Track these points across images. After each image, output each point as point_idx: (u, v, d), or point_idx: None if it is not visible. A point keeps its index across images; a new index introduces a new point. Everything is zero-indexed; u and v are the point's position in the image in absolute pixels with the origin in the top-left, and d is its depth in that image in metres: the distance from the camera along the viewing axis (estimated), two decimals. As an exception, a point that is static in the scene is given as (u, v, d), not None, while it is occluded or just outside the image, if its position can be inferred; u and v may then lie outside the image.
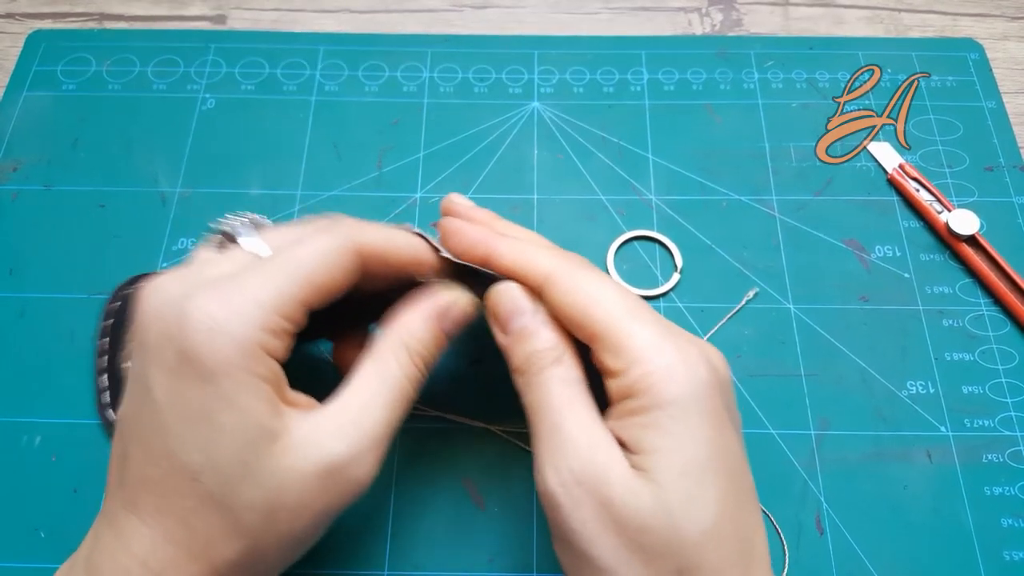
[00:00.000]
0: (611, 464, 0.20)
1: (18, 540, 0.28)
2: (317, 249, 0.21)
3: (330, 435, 0.20)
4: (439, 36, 0.40)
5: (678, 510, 0.19)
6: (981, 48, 0.40)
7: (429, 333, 0.23)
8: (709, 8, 0.42)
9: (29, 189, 0.35)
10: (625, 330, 0.21)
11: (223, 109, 0.38)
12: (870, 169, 0.36)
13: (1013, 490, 0.29)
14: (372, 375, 0.22)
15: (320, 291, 0.21)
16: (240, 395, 0.19)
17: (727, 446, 0.20)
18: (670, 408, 0.20)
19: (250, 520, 0.20)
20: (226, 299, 0.20)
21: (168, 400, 0.20)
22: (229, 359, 0.19)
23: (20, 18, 0.41)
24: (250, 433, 0.20)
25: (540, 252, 0.23)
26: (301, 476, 0.20)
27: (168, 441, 0.20)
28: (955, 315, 0.33)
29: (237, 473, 0.19)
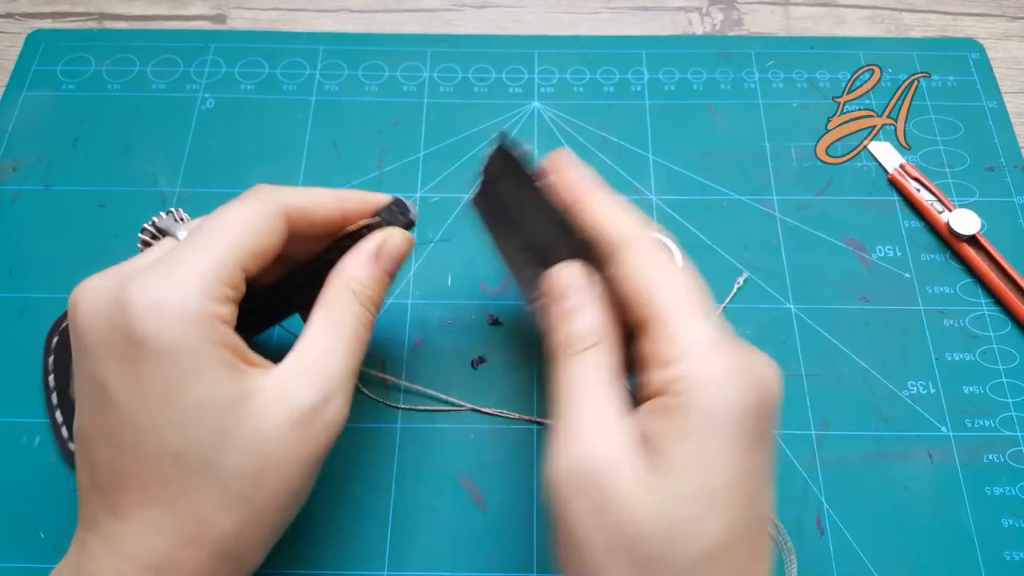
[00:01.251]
0: (621, 462, 0.19)
1: (17, 540, 0.28)
2: (242, 214, 0.22)
3: (297, 385, 0.21)
4: (439, 36, 0.40)
5: (682, 527, 0.18)
6: (982, 48, 0.40)
7: (369, 274, 0.23)
8: (709, 8, 0.42)
9: (29, 189, 0.35)
10: (683, 322, 0.20)
11: (223, 109, 0.38)
12: (871, 169, 0.36)
13: (1014, 490, 0.29)
14: (325, 322, 0.22)
15: (253, 253, 0.21)
16: (203, 366, 0.19)
17: (753, 471, 0.19)
18: (705, 419, 0.18)
19: (240, 487, 0.20)
20: (164, 276, 0.20)
21: (127, 392, 0.19)
22: (184, 333, 0.19)
23: (20, 18, 0.41)
24: (221, 401, 0.20)
25: (629, 216, 0.22)
26: (279, 430, 0.20)
27: (137, 432, 0.19)
28: (956, 315, 0.33)
29: (217, 444, 0.19)
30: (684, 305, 0.20)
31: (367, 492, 0.29)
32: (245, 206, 0.22)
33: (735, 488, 0.18)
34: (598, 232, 0.22)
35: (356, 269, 0.23)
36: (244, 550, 0.21)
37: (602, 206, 0.22)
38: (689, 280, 0.21)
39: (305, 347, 0.22)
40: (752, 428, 0.19)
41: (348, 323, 0.22)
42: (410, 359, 0.32)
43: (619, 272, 0.21)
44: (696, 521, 0.18)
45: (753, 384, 0.19)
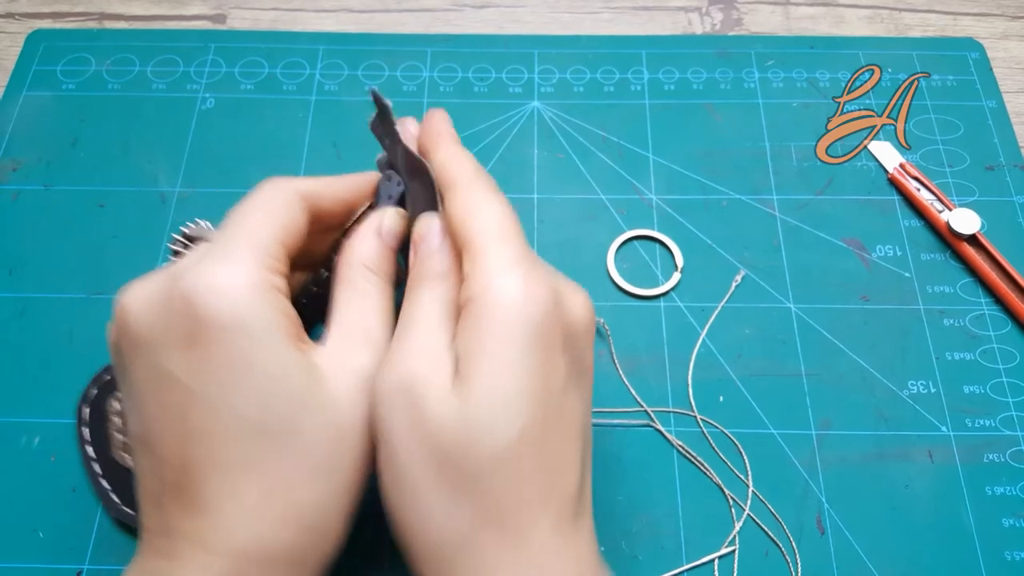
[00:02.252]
0: (433, 372, 0.20)
1: (17, 540, 0.28)
2: (262, 200, 0.22)
3: (349, 352, 0.21)
4: (439, 36, 0.40)
5: (477, 426, 0.19)
6: (981, 47, 0.40)
7: (374, 247, 0.24)
8: (709, 7, 0.42)
9: (29, 189, 0.35)
10: (487, 245, 0.21)
11: (223, 109, 0.38)
12: (871, 168, 0.36)
13: (1014, 490, 0.29)
14: (351, 297, 0.23)
15: (288, 229, 0.22)
16: (271, 334, 0.20)
17: (549, 380, 0.20)
18: (495, 328, 0.20)
19: (325, 449, 0.20)
20: (219, 259, 0.20)
21: (197, 375, 0.19)
22: (248, 303, 0.20)
23: (20, 18, 0.41)
24: (293, 368, 0.20)
25: (462, 162, 0.23)
26: (347, 392, 0.21)
27: (213, 413, 0.19)
28: (956, 314, 0.33)
29: (295, 408, 0.20)
30: (491, 233, 0.21)
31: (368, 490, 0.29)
32: (267, 192, 0.23)
33: (530, 392, 0.19)
34: (437, 175, 0.23)
35: (363, 246, 0.24)
36: (333, 522, 0.21)
37: (445, 151, 0.24)
38: (503, 214, 0.22)
39: (341, 320, 0.22)
40: (547, 338, 0.20)
41: (372, 292, 0.23)
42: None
43: (447, 210, 0.23)
44: (491, 420, 0.19)
45: (550, 298, 0.20)
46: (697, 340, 0.32)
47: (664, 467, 0.29)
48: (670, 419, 0.30)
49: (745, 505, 0.29)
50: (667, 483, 0.29)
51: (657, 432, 0.30)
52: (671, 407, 0.31)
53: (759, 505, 0.29)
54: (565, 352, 0.21)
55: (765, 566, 0.28)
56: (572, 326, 0.21)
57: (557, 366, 0.20)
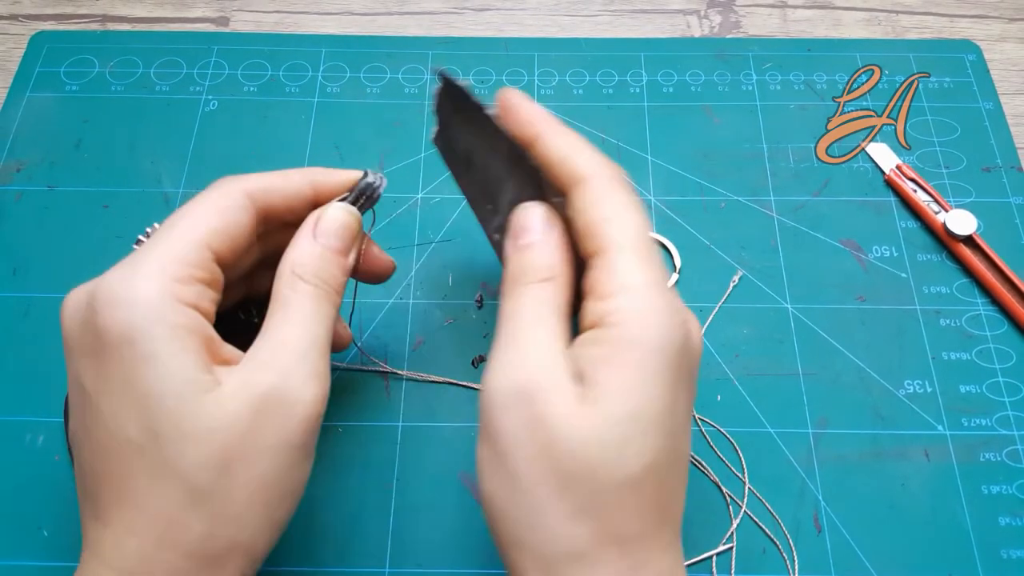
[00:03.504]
0: (555, 384, 0.19)
1: (21, 538, 0.28)
2: (201, 200, 0.22)
3: (253, 371, 0.20)
4: (440, 38, 0.41)
5: (611, 448, 0.19)
6: (978, 49, 0.40)
7: (307, 252, 0.23)
8: (708, 10, 0.42)
9: (33, 190, 0.36)
10: (625, 257, 0.20)
11: (226, 110, 0.38)
12: (867, 170, 0.37)
13: (1010, 489, 0.29)
14: (275, 309, 0.22)
15: (218, 232, 0.21)
16: (163, 351, 0.19)
17: (677, 408, 0.20)
18: (635, 350, 0.19)
19: (205, 480, 0.19)
20: (126, 269, 0.20)
21: (96, 385, 0.19)
22: (143, 317, 0.19)
23: (24, 19, 0.41)
24: (180, 387, 0.19)
25: (586, 153, 0.22)
26: (239, 417, 0.19)
27: (107, 426, 0.19)
28: (952, 315, 0.33)
29: (176, 433, 0.19)
30: (630, 242, 0.20)
31: (368, 489, 0.29)
32: (205, 193, 0.23)
33: (661, 418, 0.19)
34: (559, 166, 0.22)
35: (295, 251, 0.23)
36: (223, 551, 0.20)
37: (563, 141, 0.22)
38: (641, 223, 0.21)
39: (261, 336, 0.22)
40: (678, 365, 0.20)
41: (295, 303, 0.22)
42: (411, 358, 0.32)
43: (575, 204, 0.21)
44: (625, 445, 0.19)
45: (680, 326, 0.20)
46: (695, 340, 0.32)
47: (662, 466, 0.30)
48: (668, 418, 0.31)
49: (742, 503, 0.29)
50: (665, 481, 0.29)
51: (656, 431, 0.30)
52: (669, 406, 0.31)
53: (756, 503, 0.29)
54: (691, 380, 0.21)
55: (762, 563, 0.28)
56: (695, 352, 0.21)
57: (683, 396, 0.20)
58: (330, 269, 0.23)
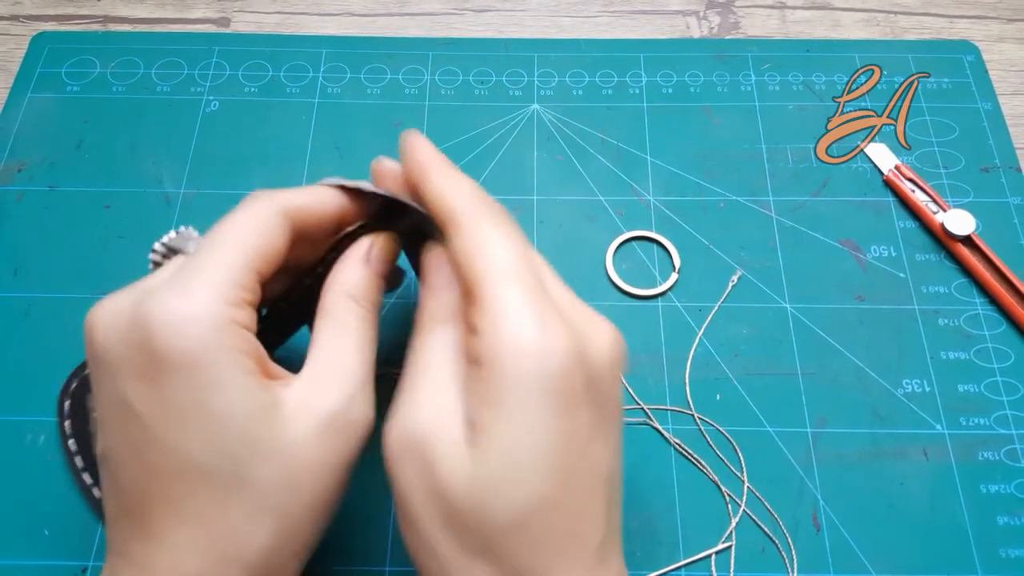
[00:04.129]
0: (444, 429, 0.19)
1: (22, 538, 0.28)
2: (245, 218, 0.22)
3: (319, 390, 0.21)
4: (440, 39, 0.41)
5: (491, 491, 0.18)
6: (977, 50, 0.40)
7: (361, 277, 0.23)
8: (707, 11, 0.42)
9: (34, 190, 0.36)
10: (495, 290, 0.20)
11: (227, 111, 0.38)
12: (866, 170, 0.37)
13: (1009, 488, 0.29)
14: (331, 328, 0.22)
15: (262, 255, 0.21)
16: (228, 375, 0.19)
17: (571, 436, 0.19)
18: (508, 387, 0.19)
19: (275, 496, 0.19)
20: (181, 288, 0.20)
21: (152, 409, 0.19)
22: (205, 342, 0.19)
23: (25, 20, 0.41)
24: (248, 409, 0.19)
25: (460, 191, 0.22)
26: (307, 436, 0.20)
27: (165, 449, 0.19)
28: (951, 314, 0.33)
29: (248, 454, 0.19)
30: (500, 272, 0.20)
31: (369, 488, 0.29)
32: (246, 211, 0.22)
33: (544, 454, 0.18)
34: (435, 205, 0.22)
35: (349, 274, 0.23)
36: (279, 564, 0.20)
37: (441, 179, 0.23)
38: (512, 249, 0.21)
39: (317, 354, 0.22)
40: (567, 391, 0.19)
41: (353, 325, 0.22)
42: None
43: (449, 243, 0.22)
44: (503, 488, 0.18)
45: (561, 349, 0.19)
46: (694, 340, 0.32)
47: (662, 465, 0.30)
48: (667, 417, 0.31)
49: (741, 502, 0.29)
50: (664, 480, 0.29)
51: (655, 430, 0.31)
52: (669, 406, 0.31)
53: (755, 502, 0.29)
54: (589, 400, 0.19)
55: (761, 562, 0.28)
56: (595, 369, 0.20)
57: (580, 419, 0.19)
58: (377, 295, 0.24)
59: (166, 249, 0.24)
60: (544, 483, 0.19)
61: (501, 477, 0.18)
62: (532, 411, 0.19)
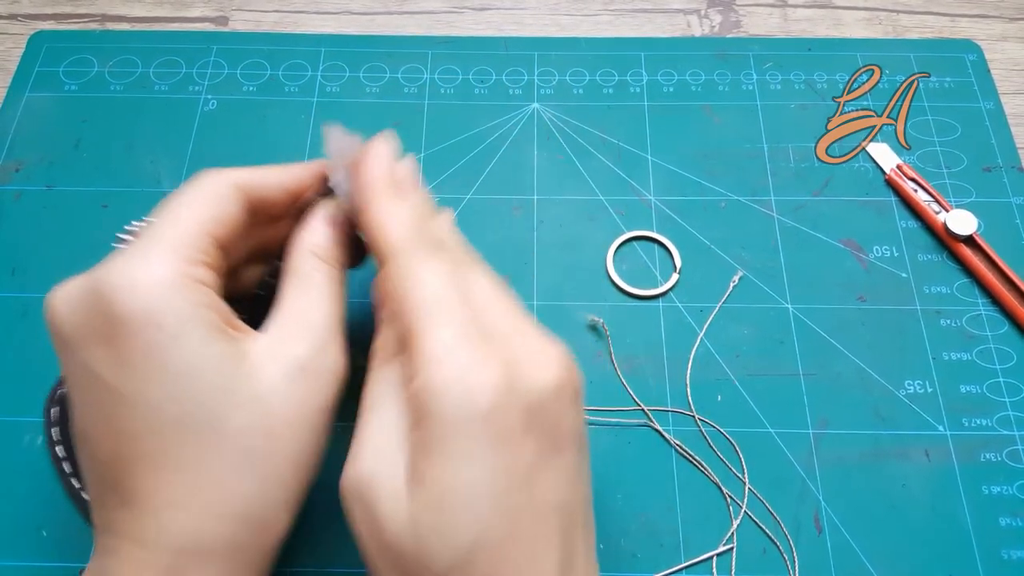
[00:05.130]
0: (386, 477, 0.19)
1: (20, 539, 0.28)
2: (192, 189, 0.22)
3: (286, 340, 0.21)
4: (439, 38, 0.40)
5: (430, 535, 0.18)
6: (979, 49, 0.40)
7: (325, 235, 0.24)
8: (708, 10, 0.42)
9: (31, 189, 0.36)
10: (424, 330, 0.19)
11: (225, 110, 0.38)
12: (868, 170, 0.37)
13: (1011, 489, 0.29)
14: (295, 284, 0.23)
15: (217, 220, 0.22)
16: (189, 327, 0.19)
17: (510, 470, 0.18)
18: (440, 427, 0.18)
19: (252, 443, 0.20)
20: (134, 253, 0.20)
21: (117, 372, 0.19)
22: (164, 298, 0.19)
23: (22, 19, 0.41)
24: (213, 361, 0.20)
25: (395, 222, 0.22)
26: (279, 385, 0.20)
27: (135, 410, 0.19)
28: (953, 315, 0.33)
29: (218, 402, 0.19)
30: (430, 309, 0.20)
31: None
32: (195, 185, 0.23)
33: (481, 492, 0.18)
34: (372, 242, 0.22)
35: (312, 234, 0.24)
36: (270, 512, 0.20)
37: (375, 215, 0.22)
38: (442, 285, 0.20)
39: (282, 309, 0.22)
40: (493, 428, 0.18)
41: (317, 280, 0.23)
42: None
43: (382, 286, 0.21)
44: (443, 529, 0.18)
45: (489, 385, 0.18)
46: (695, 340, 0.32)
47: (662, 466, 0.30)
48: (668, 419, 0.31)
49: (743, 504, 0.29)
50: (665, 482, 0.29)
51: (655, 432, 0.30)
52: (669, 407, 0.31)
53: (757, 504, 0.29)
54: (530, 431, 0.19)
55: (763, 564, 0.28)
56: (536, 397, 0.19)
57: (520, 453, 0.18)
58: (343, 252, 0.24)
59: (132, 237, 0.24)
60: (484, 521, 0.18)
61: (440, 519, 0.18)
62: (465, 451, 0.18)
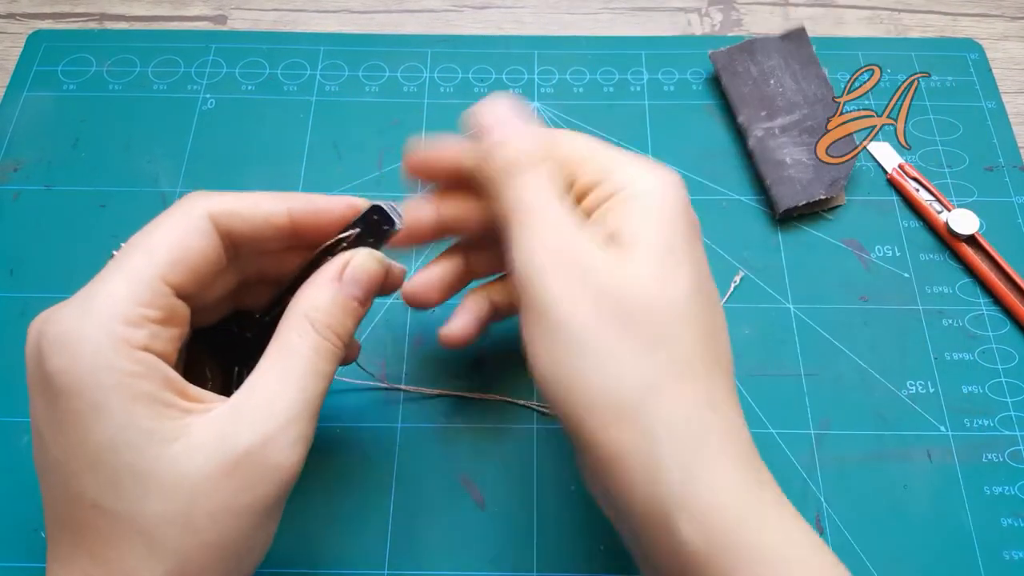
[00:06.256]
0: (589, 241, 0.21)
1: (18, 540, 0.28)
2: (161, 224, 0.21)
3: (233, 425, 0.19)
4: (439, 36, 0.40)
5: (655, 282, 0.20)
6: (981, 48, 0.40)
7: (330, 299, 0.21)
8: (709, 8, 0.42)
9: (30, 189, 0.35)
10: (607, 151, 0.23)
11: (224, 109, 0.38)
12: (870, 169, 0.37)
13: (1013, 490, 0.29)
14: (276, 355, 0.21)
15: (175, 263, 0.20)
16: (110, 401, 0.18)
17: (696, 245, 0.22)
18: (647, 197, 0.21)
19: (168, 534, 0.18)
20: (76, 306, 0.19)
21: (48, 430, 0.19)
22: (89, 365, 0.18)
23: (21, 18, 0.41)
24: (135, 439, 0.18)
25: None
26: (207, 475, 0.18)
27: (61, 474, 0.18)
28: (955, 315, 0.33)
29: (136, 487, 0.18)
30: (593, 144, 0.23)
31: (367, 491, 0.29)
32: (166, 216, 0.21)
33: (687, 253, 0.21)
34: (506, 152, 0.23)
35: (314, 295, 0.21)
36: None
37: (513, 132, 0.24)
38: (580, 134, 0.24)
39: (251, 383, 0.20)
40: (685, 208, 0.22)
41: (302, 355, 0.20)
42: (410, 358, 0.32)
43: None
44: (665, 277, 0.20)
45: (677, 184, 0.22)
46: (696, 340, 0.32)
47: (663, 467, 0.30)
48: (669, 419, 0.31)
49: (744, 505, 0.29)
50: (666, 483, 0.29)
51: (656, 432, 0.30)
52: (670, 407, 0.31)
53: (758, 505, 0.29)
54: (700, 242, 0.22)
55: (764, 565, 0.28)
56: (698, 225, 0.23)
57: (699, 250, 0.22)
58: (346, 322, 0.22)
59: None
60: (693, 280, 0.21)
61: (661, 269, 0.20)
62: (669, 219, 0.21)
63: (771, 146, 0.35)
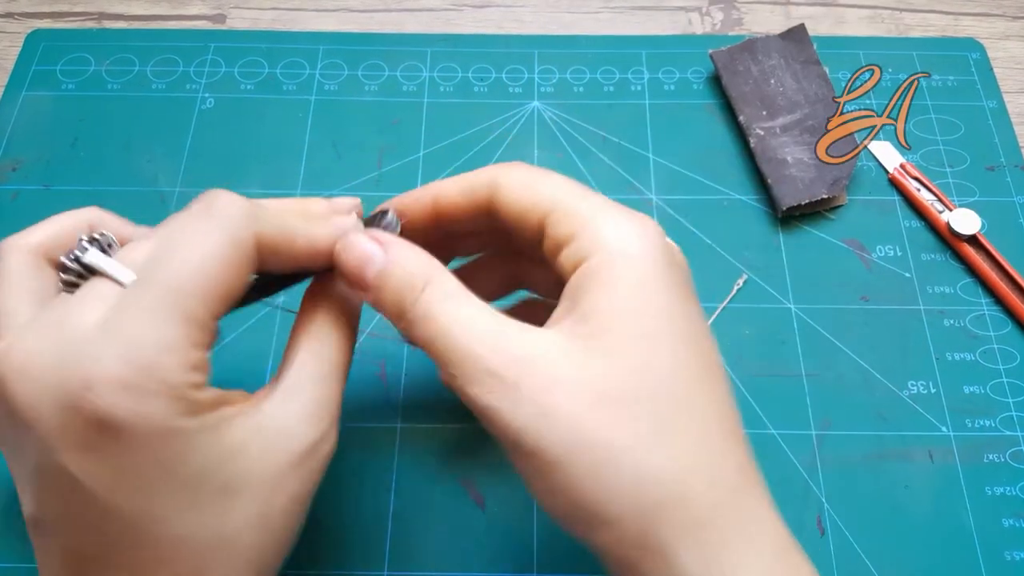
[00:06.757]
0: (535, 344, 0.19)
1: (17, 541, 0.28)
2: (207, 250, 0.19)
3: (295, 422, 0.20)
4: (439, 35, 0.40)
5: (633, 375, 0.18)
6: (982, 48, 0.40)
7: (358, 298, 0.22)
8: (710, 7, 0.42)
9: (28, 189, 0.35)
10: (577, 197, 0.21)
11: (222, 108, 0.38)
12: (871, 169, 0.36)
13: (1014, 490, 0.29)
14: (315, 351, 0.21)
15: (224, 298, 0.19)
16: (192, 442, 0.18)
17: (687, 311, 0.19)
18: (624, 262, 0.19)
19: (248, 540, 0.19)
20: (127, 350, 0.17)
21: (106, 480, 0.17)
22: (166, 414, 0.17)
23: (19, 17, 0.41)
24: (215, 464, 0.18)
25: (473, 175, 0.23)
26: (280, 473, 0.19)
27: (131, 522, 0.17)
28: (956, 315, 0.33)
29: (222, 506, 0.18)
30: (568, 190, 0.21)
31: (367, 492, 0.29)
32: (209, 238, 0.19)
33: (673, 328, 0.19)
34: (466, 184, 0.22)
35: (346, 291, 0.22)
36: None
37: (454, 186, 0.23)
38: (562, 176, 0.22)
39: (297, 379, 0.20)
40: (669, 267, 0.20)
41: (339, 350, 0.21)
42: (410, 358, 0.31)
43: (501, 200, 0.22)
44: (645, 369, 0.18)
45: (657, 232, 0.20)
46: (697, 340, 0.32)
47: (664, 467, 0.29)
48: (670, 419, 0.30)
49: (745, 505, 0.29)
50: (667, 483, 0.29)
51: (657, 432, 0.30)
52: (671, 407, 0.31)
53: (759, 505, 0.29)
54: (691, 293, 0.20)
55: (765, 566, 0.28)
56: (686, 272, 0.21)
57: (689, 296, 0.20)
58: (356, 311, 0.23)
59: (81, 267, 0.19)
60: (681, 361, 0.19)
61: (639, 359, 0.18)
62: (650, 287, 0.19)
63: (772, 145, 0.35)
